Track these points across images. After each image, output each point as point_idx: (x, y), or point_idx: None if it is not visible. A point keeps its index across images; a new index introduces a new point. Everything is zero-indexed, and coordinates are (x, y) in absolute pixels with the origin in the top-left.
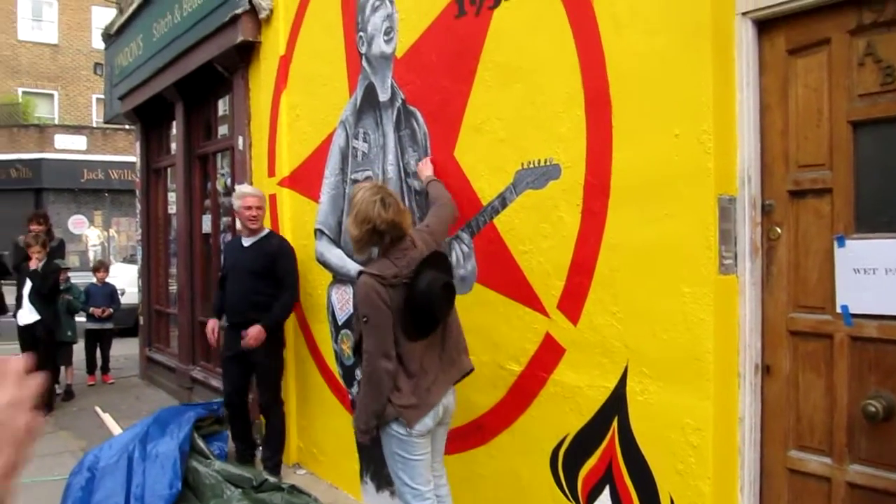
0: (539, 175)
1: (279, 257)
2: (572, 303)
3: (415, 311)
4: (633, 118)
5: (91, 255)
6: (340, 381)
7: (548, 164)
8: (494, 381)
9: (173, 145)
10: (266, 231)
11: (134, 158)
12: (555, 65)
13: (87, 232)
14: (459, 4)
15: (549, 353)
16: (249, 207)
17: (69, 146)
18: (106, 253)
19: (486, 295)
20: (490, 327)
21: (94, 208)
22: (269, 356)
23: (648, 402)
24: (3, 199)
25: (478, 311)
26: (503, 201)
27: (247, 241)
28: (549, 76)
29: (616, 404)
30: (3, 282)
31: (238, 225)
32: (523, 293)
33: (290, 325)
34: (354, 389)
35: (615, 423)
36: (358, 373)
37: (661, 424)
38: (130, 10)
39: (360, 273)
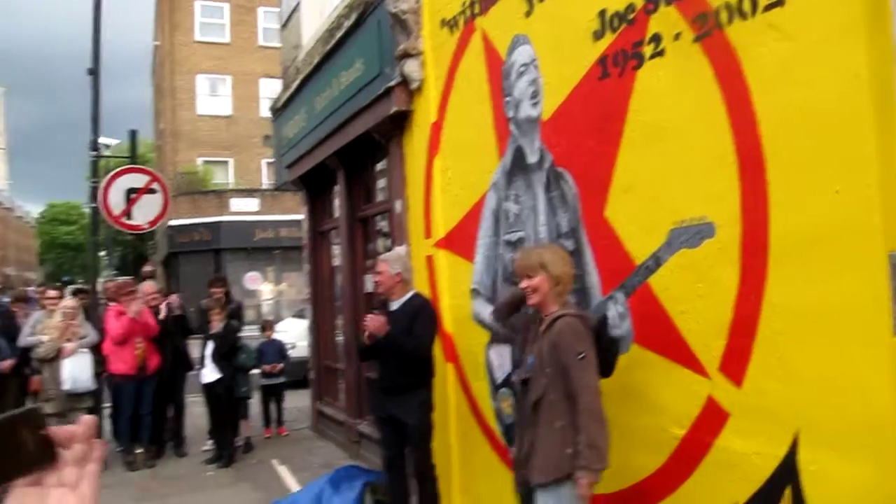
0: (693, 234)
1: (416, 317)
2: (734, 365)
3: (605, 354)
4: (789, 174)
5: (265, 309)
6: (501, 439)
7: (701, 222)
8: (656, 445)
9: (336, 209)
10: (410, 294)
11: (301, 217)
12: (703, 122)
13: (261, 287)
14: (603, 66)
15: (712, 418)
16: (376, 273)
17: (243, 209)
18: (278, 306)
19: (643, 355)
20: (649, 388)
21: (267, 265)
22: (419, 419)
23: (824, 472)
24: (188, 259)
25: (635, 372)
26: (657, 261)
27: (393, 305)
28: (698, 134)
29: (787, 474)
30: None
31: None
32: (682, 354)
33: (451, 383)
34: (514, 449)
35: (788, 494)
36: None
37: (841, 498)
38: (294, 86)
39: (561, 316)
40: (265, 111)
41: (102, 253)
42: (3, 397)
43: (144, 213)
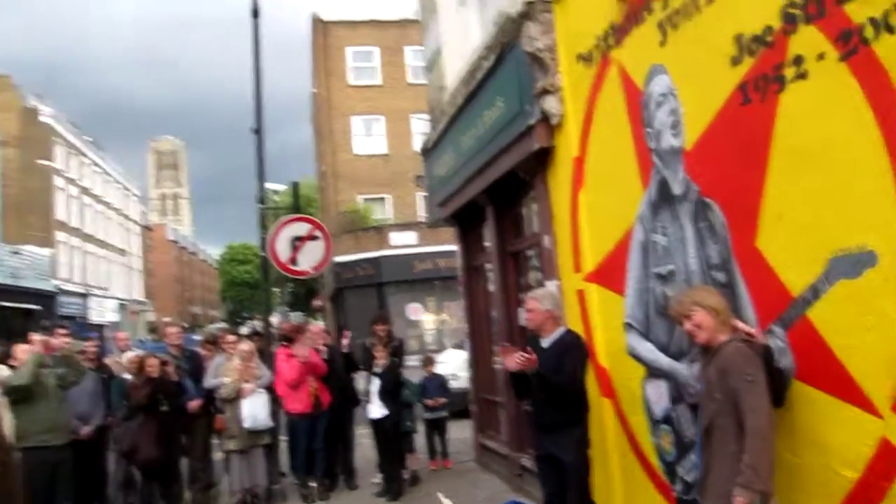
0: (853, 263)
1: (566, 353)
2: None
3: (774, 383)
4: None
5: (428, 339)
6: (663, 476)
7: (861, 251)
8: (826, 487)
9: (487, 244)
10: (561, 331)
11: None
12: (855, 144)
13: (423, 317)
14: (743, 92)
15: (888, 460)
16: (527, 310)
17: (403, 242)
18: (440, 335)
19: (806, 392)
20: (814, 427)
21: (427, 295)
22: (576, 456)
23: None
24: (353, 294)
25: (799, 409)
26: (815, 292)
27: (544, 342)
28: (851, 156)
29: None
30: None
31: None
32: (849, 391)
33: (609, 418)
34: (678, 487)
35: None
36: (679, 469)
37: None
38: (441, 126)
39: (729, 342)
40: (418, 146)
41: (275, 289)
42: (193, 435)
43: (309, 259)
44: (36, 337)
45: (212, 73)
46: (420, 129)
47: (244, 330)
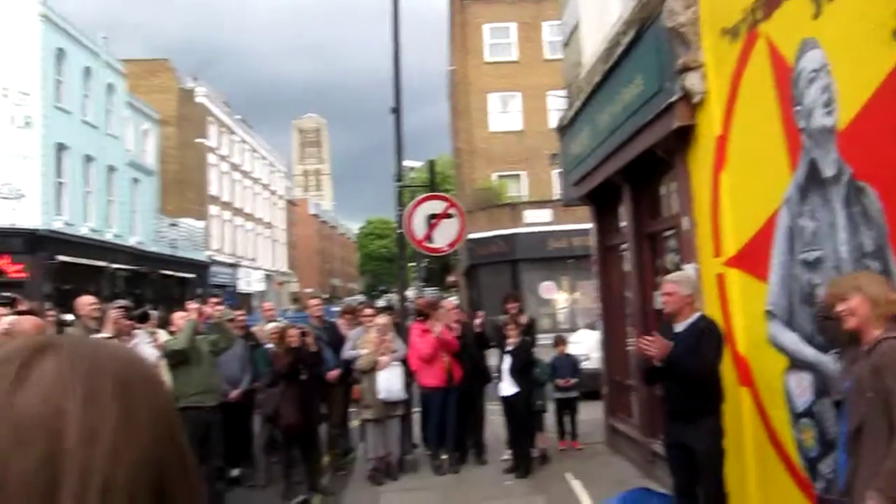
0: None
1: (701, 338)
2: None
3: None
4: None
5: (561, 317)
6: (803, 472)
7: None
8: None
9: (623, 225)
10: (696, 316)
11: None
12: None
13: (556, 296)
14: None
15: None
16: (665, 294)
17: (537, 220)
18: (573, 314)
19: None
20: None
21: (561, 274)
22: (709, 446)
23: None
24: (487, 270)
25: None
26: None
27: (678, 327)
28: None
29: None
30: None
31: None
32: None
33: (746, 408)
34: (820, 485)
35: None
36: (822, 466)
37: None
38: (577, 105)
39: (886, 339)
40: (554, 123)
41: (411, 264)
42: (331, 403)
43: (444, 236)
44: (191, 305)
45: (355, 55)
46: (556, 105)
47: (381, 303)
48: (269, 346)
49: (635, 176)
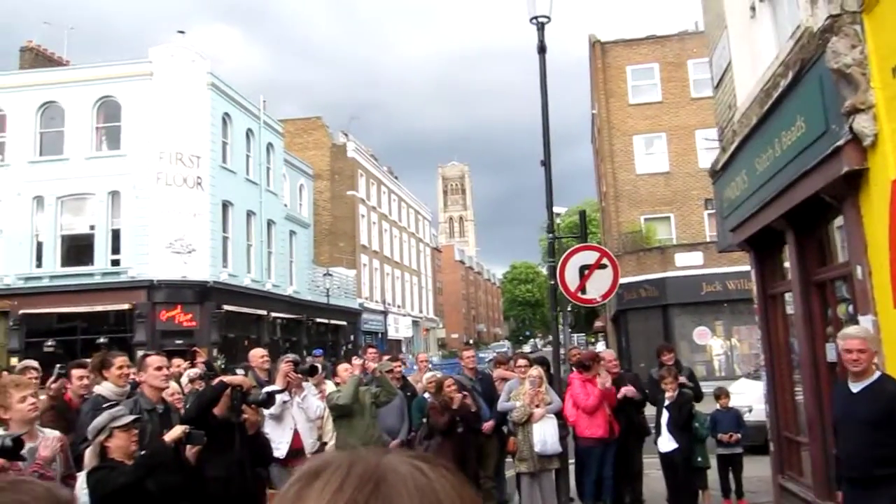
0: None
1: (892, 404)
2: None
3: None
4: None
5: (716, 365)
6: None
7: None
8: None
9: (787, 271)
10: (877, 375)
11: (748, 268)
12: None
13: (711, 342)
14: None
15: None
16: (850, 351)
17: (688, 263)
18: (729, 361)
19: None
20: None
21: (715, 319)
22: None
23: None
24: (635, 316)
25: None
26: None
27: (855, 387)
28: None
29: None
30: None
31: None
32: None
33: None
34: None
35: None
36: None
37: None
38: (732, 148)
39: None
40: (703, 162)
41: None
42: (485, 456)
43: (597, 287)
44: (356, 361)
45: (496, 101)
46: (704, 144)
47: (526, 348)
48: (426, 395)
49: (800, 221)
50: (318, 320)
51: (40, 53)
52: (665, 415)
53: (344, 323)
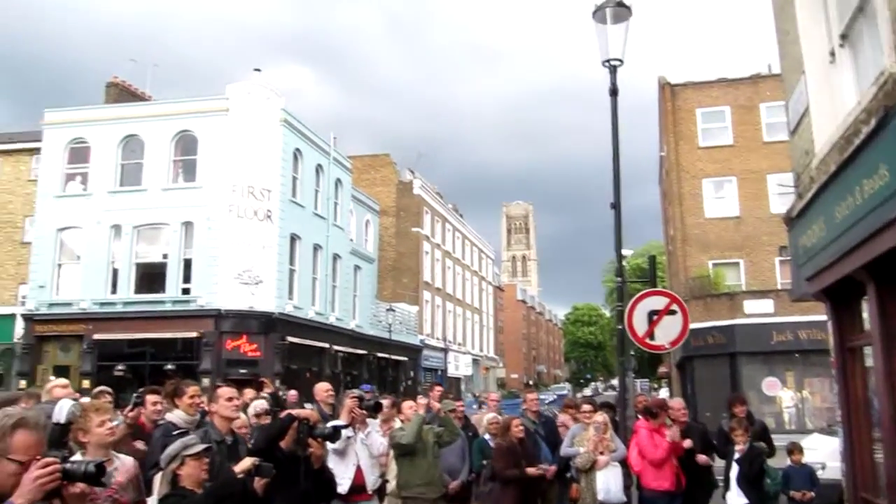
0: None
1: None
2: None
3: None
4: None
5: (786, 417)
6: None
7: None
8: None
9: (867, 324)
10: None
11: (823, 318)
12: None
13: (781, 394)
14: None
15: None
16: None
17: (758, 311)
18: (800, 414)
19: None
20: None
21: (785, 369)
22: None
23: None
24: (702, 363)
25: None
26: None
27: None
28: None
29: None
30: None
31: None
32: None
33: None
34: None
35: None
36: None
37: None
38: (809, 195)
39: None
40: (775, 208)
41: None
42: (547, 500)
43: (666, 333)
44: (421, 399)
45: (562, 140)
46: (777, 189)
47: (587, 391)
48: (486, 437)
49: (881, 272)
50: (380, 355)
51: (125, 89)
52: (735, 468)
53: (405, 359)
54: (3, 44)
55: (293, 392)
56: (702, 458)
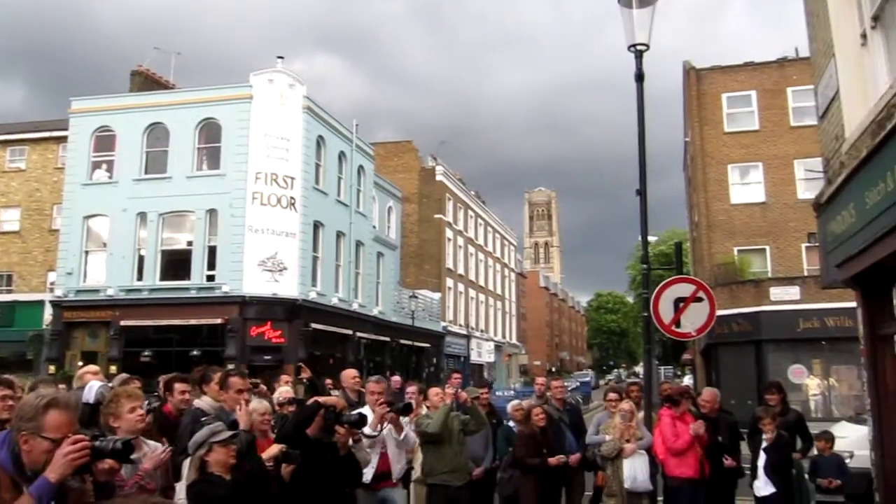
0: None
1: None
2: None
3: None
4: None
5: (812, 405)
6: None
7: None
8: None
9: None
10: None
11: (851, 305)
12: None
13: (807, 381)
14: None
15: None
16: None
17: (784, 297)
18: (827, 402)
19: None
20: None
21: (812, 357)
22: None
23: None
24: (727, 350)
25: None
26: None
27: None
28: None
29: None
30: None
31: None
32: None
33: None
34: None
35: None
36: None
37: None
38: (839, 180)
39: None
40: (802, 193)
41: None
42: (572, 489)
43: (692, 321)
44: (448, 389)
45: (587, 128)
46: (805, 175)
47: (610, 377)
48: (510, 424)
49: None
50: (403, 342)
51: (149, 77)
52: (762, 457)
53: (427, 345)
54: (35, 34)
55: (328, 380)
56: (729, 461)
